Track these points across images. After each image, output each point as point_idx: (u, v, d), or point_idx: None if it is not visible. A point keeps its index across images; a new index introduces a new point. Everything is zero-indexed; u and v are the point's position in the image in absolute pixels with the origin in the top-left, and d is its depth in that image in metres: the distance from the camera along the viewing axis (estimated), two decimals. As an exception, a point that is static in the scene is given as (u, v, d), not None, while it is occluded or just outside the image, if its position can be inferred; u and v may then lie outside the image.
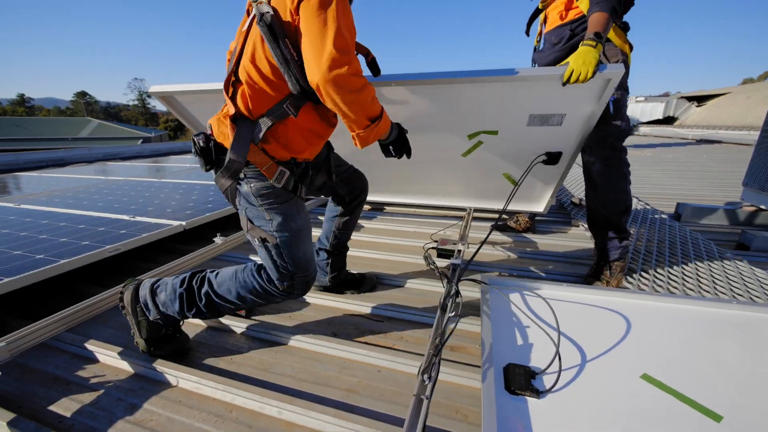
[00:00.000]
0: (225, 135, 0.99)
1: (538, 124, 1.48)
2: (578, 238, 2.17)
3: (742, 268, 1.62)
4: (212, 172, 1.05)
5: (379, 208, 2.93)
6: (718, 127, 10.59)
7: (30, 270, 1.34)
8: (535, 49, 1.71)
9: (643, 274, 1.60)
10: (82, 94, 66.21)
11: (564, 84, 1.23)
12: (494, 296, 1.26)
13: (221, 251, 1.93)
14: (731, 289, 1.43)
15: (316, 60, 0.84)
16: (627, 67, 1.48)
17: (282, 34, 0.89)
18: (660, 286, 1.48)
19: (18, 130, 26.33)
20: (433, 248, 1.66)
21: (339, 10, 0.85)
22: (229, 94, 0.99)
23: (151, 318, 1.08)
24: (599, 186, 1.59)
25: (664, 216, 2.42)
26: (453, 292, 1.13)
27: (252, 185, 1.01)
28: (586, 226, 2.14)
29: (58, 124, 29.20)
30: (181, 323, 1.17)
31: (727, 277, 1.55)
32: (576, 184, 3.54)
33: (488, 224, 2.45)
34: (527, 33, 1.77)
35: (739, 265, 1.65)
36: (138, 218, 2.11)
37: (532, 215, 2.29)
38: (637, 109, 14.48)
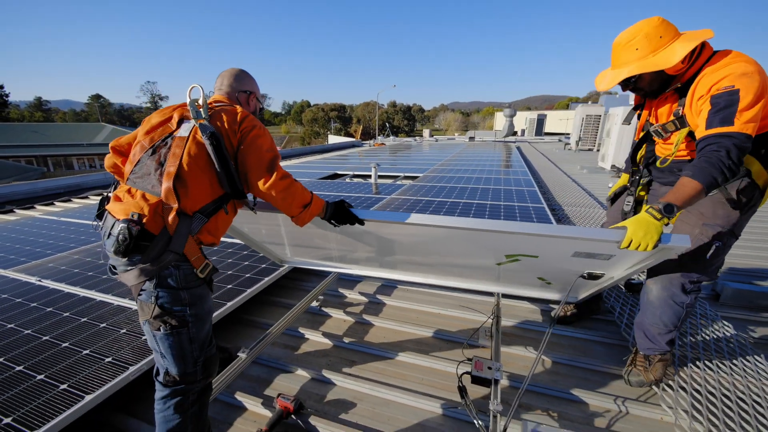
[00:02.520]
0: (159, 225, 1.03)
1: (584, 256, 1.39)
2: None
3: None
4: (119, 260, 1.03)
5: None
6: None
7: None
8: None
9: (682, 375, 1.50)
10: (97, 97, 67.60)
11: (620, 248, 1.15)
12: (541, 463, 1.18)
13: (246, 365, 1.72)
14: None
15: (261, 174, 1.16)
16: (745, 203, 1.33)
17: (226, 152, 1.11)
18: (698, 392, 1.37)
19: (36, 136, 27.00)
20: (467, 373, 1.58)
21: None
22: (173, 189, 1.04)
23: None
24: (647, 311, 1.51)
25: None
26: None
27: (179, 272, 1.06)
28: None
29: (74, 130, 29.88)
30: None
31: (786, 413, 1.43)
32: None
33: (521, 315, 2.36)
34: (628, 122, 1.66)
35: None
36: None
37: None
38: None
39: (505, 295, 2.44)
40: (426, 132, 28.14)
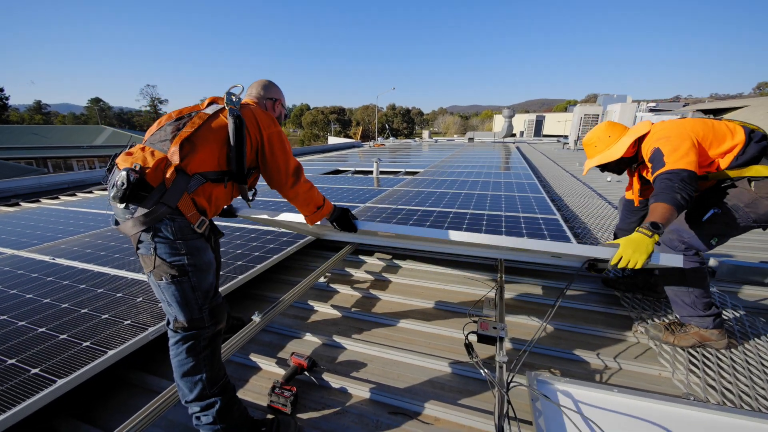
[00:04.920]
0: (158, 179, 1.08)
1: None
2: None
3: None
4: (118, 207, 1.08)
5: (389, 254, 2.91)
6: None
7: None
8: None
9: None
10: (96, 101, 67.69)
11: (613, 266, 1.30)
12: (546, 406, 1.24)
13: (259, 329, 1.69)
14: (786, 388, 1.39)
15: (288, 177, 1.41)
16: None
17: (245, 136, 1.25)
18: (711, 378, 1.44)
19: (36, 138, 27.04)
20: (473, 332, 1.64)
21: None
22: (180, 148, 1.12)
23: None
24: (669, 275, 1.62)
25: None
26: (505, 411, 1.12)
27: (174, 224, 1.10)
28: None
29: (74, 132, 29.89)
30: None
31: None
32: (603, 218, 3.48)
33: (528, 278, 2.42)
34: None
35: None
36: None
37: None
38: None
39: (508, 269, 2.51)
40: (425, 133, 28.33)
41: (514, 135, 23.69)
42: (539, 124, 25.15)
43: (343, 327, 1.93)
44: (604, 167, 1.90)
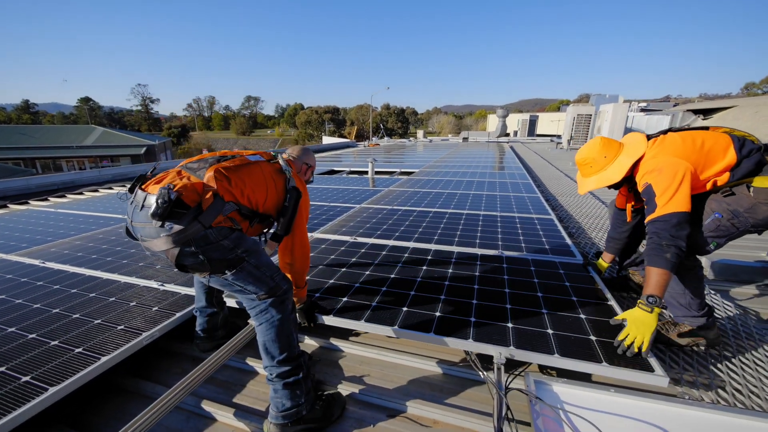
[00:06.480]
0: (194, 200, 1.13)
1: None
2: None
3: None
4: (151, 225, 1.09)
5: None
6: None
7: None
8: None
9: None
10: (86, 100, 66.68)
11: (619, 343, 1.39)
12: (544, 407, 1.25)
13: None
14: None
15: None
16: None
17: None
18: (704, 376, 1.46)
19: (24, 138, 26.51)
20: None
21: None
22: (215, 175, 1.22)
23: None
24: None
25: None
26: (504, 414, 1.13)
27: (212, 230, 1.15)
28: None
29: (63, 132, 29.39)
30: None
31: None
32: (597, 228, 3.52)
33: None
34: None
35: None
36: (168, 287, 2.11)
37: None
38: (642, 122, 14.45)
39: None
40: (420, 133, 28.35)
41: (508, 135, 23.86)
42: (533, 123, 25.34)
43: (341, 330, 1.92)
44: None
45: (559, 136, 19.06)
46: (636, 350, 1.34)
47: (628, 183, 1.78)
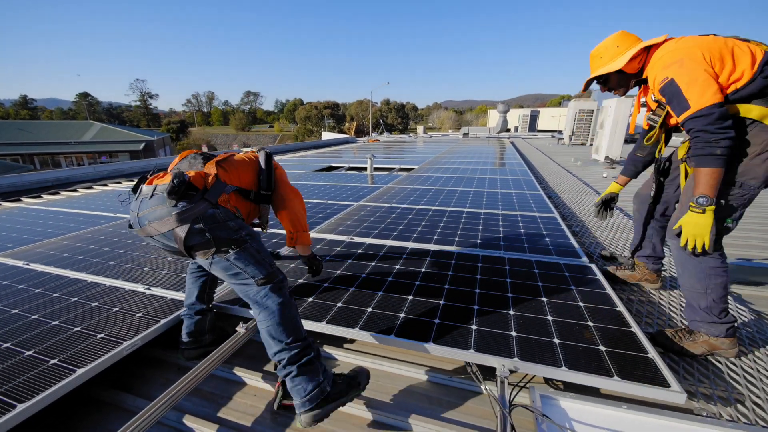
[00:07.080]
0: (200, 184, 1.27)
1: None
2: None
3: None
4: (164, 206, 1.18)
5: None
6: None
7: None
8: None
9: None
10: (84, 95, 66.34)
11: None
12: (552, 429, 1.16)
13: (244, 341, 1.58)
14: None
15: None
16: None
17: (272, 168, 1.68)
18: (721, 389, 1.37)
19: (22, 134, 26.34)
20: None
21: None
22: (215, 165, 1.40)
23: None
24: (682, 274, 1.56)
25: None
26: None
27: (219, 210, 1.26)
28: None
29: (62, 128, 29.18)
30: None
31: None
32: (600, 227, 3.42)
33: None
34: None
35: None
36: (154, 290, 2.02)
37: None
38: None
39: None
40: (420, 128, 28.14)
41: (508, 130, 23.61)
42: (534, 119, 25.08)
43: (334, 337, 1.83)
44: (605, 81, 1.68)
45: (560, 132, 18.87)
46: (700, 250, 1.33)
47: (635, 81, 1.62)
